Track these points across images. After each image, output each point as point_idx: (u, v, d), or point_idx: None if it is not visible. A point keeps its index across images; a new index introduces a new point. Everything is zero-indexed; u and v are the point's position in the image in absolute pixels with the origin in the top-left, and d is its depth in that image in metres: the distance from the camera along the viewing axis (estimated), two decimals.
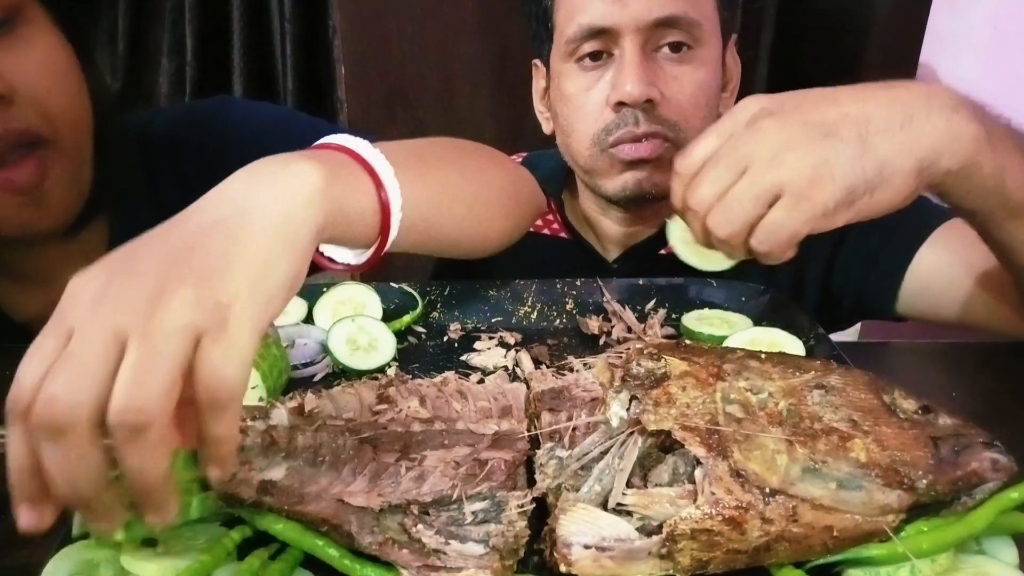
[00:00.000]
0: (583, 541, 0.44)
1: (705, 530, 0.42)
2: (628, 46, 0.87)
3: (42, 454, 0.39)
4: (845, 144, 0.58)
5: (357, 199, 0.54)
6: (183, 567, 0.44)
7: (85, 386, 0.38)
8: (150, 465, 0.39)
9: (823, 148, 0.57)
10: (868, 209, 0.59)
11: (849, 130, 0.58)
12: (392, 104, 1.75)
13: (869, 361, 0.58)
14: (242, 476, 0.49)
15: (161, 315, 0.39)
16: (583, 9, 0.89)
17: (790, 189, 0.57)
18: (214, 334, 0.40)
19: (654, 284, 0.83)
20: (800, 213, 0.57)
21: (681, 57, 0.89)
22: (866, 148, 0.58)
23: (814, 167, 0.57)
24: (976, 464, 0.46)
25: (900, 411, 0.49)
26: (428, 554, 0.45)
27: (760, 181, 0.58)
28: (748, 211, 0.58)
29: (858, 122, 0.58)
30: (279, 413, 0.54)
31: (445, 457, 0.50)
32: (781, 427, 0.46)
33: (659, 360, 0.51)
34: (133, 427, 0.38)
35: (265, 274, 0.44)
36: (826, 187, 0.57)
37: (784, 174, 0.57)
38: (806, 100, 0.61)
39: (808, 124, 0.59)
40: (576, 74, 0.93)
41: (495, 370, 0.70)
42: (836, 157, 0.57)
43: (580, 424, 0.53)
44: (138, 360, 0.39)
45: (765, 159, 0.58)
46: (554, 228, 1.11)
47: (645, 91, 0.87)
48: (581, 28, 0.90)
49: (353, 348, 0.71)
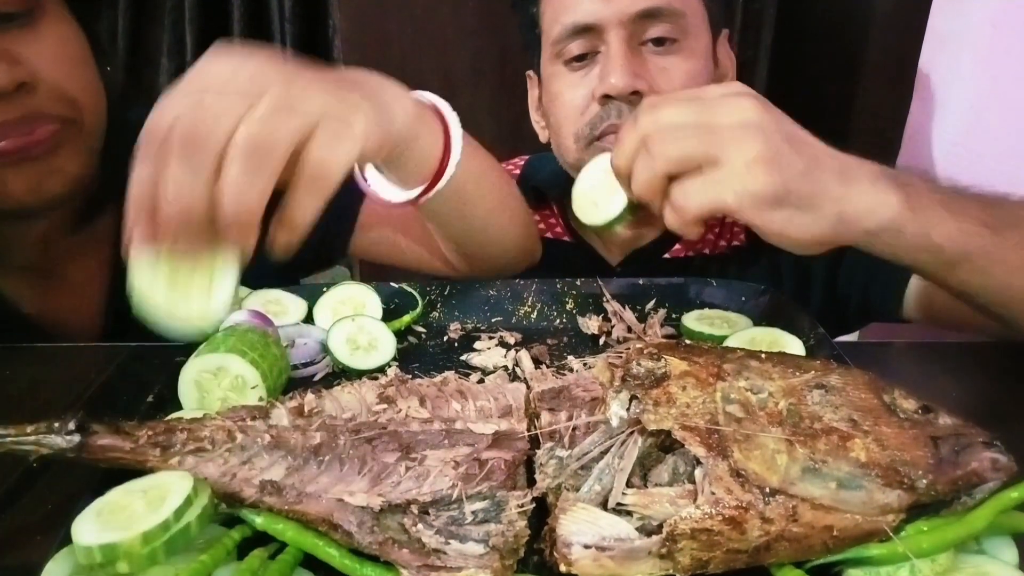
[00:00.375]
0: (583, 541, 0.44)
1: (705, 530, 0.42)
2: (613, 40, 0.87)
3: (168, 172, 0.49)
4: (799, 157, 0.60)
5: (431, 135, 0.70)
6: (183, 567, 0.44)
7: (224, 116, 0.49)
8: (257, 188, 0.49)
9: (780, 147, 0.59)
10: (787, 224, 0.60)
11: (805, 149, 0.61)
12: None
13: (869, 361, 0.58)
14: (242, 476, 0.49)
15: (303, 85, 0.52)
16: (567, 8, 0.90)
17: (735, 160, 0.58)
18: (337, 122, 0.52)
19: (654, 284, 0.83)
20: (735, 185, 0.58)
21: (667, 49, 0.89)
22: (811, 172, 0.60)
23: (766, 156, 0.58)
24: (976, 464, 0.46)
25: (900, 411, 0.49)
26: (428, 554, 0.45)
27: (716, 135, 0.59)
28: (687, 151, 0.59)
29: (811, 153, 0.61)
30: (279, 413, 0.54)
31: (445, 457, 0.50)
32: (781, 427, 0.46)
33: (659, 360, 0.51)
34: (259, 152, 0.49)
35: (384, 112, 0.61)
36: (770, 175, 0.58)
37: (738, 144, 0.58)
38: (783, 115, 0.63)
39: (779, 125, 0.61)
40: (564, 74, 0.93)
41: (495, 370, 0.70)
42: (788, 161, 0.59)
43: (580, 424, 0.53)
44: (274, 104, 0.50)
45: (731, 123, 0.59)
46: (557, 232, 1.11)
47: (631, 82, 0.87)
48: (565, 27, 0.90)
49: (353, 348, 0.71)
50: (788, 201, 0.59)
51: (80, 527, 0.44)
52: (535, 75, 1.03)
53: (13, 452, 0.49)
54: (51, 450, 0.49)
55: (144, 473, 0.49)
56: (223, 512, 0.49)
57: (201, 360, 0.61)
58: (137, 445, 0.50)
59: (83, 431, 0.49)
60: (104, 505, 0.45)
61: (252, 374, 0.61)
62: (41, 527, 0.52)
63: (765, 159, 0.58)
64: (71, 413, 0.50)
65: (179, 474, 0.48)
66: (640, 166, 0.62)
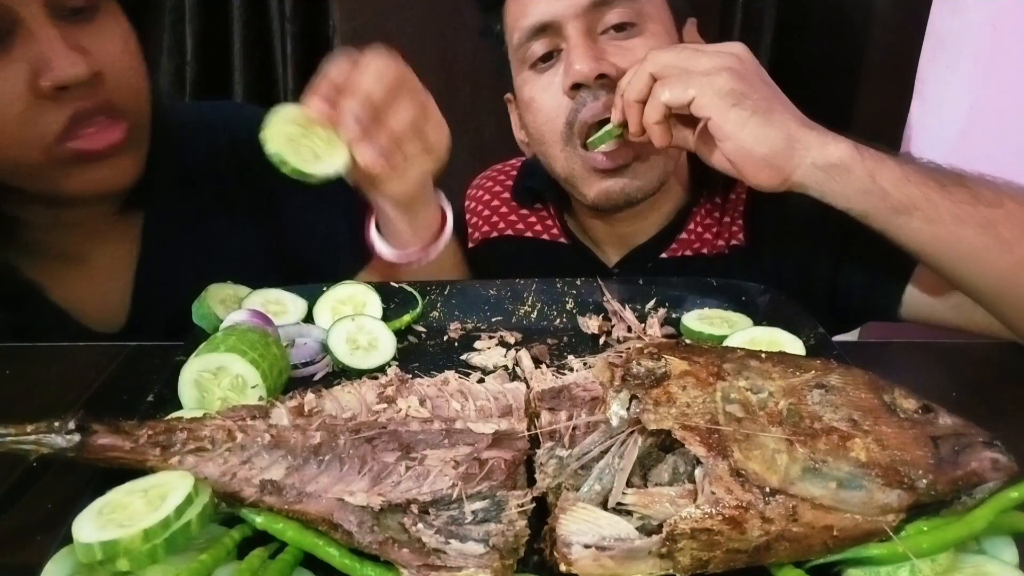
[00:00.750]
0: (583, 540, 0.44)
1: (705, 529, 0.42)
2: (572, 32, 0.88)
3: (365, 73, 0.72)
4: (766, 85, 0.76)
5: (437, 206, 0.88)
6: (183, 566, 0.44)
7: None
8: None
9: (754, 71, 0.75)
10: (741, 124, 0.72)
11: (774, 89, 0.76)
12: None
13: (869, 361, 0.58)
14: (242, 475, 0.49)
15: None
16: (523, 12, 0.91)
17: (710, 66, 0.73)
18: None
19: (654, 284, 0.83)
20: (701, 82, 0.73)
21: (628, 33, 0.90)
22: (773, 97, 0.75)
23: (739, 69, 0.74)
24: (976, 464, 0.46)
25: (900, 411, 0.49)
26: (428, 553, 0.45)
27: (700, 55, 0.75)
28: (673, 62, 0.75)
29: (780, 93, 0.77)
30: (279, 412, 0.54)
31: (445, 456, 0.50)
32: (781, 427, 0.46)
33: (659, 360, 0.52)
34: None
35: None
36: (733, 80, 0.72)
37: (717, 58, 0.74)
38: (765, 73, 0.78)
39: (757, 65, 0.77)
40: (533, 78, 0.94)
41: (495, 370, 0.70)
42: (754, 80, 0.75)
43: (580, 424, 0.53)
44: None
45: (714, 50, 0.76)
46: (553, 234, 1.10)
47: (594, 66, 0.87)
48: (524, 30, 0.91)
49: (353, 347, 0.71)
50: (746, 103, 0.72)
51: (81, 525, 0.44)
52: (512, 97, 1.03)
53: (13, 452, 0.49)
54: (51, 450, 0.49)
55: (144, 473, 0.49)
56: (223, 512, 0.49)
57: (201, 360, 0.61)
58: (137, 445, 0.50)
59: (83, 431, 0.49)
60: (104, 504, 0.45)
61: (252, 374, 0.61)
62: (41, 527, 0.52)
63: (734, 71, 0.73)
64: (71, 413, 0.50)
65: (180, 473, 0.48)
66: (631, 77, 0.78)
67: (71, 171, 0.79)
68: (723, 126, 0.72)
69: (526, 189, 1.13)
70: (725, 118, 0.72)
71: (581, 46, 0.87)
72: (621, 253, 1.05)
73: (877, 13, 1.58)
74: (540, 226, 1.12)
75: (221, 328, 0.69)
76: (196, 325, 0.74)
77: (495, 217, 1.15)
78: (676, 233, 1.02)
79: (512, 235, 1.12)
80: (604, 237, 1.06)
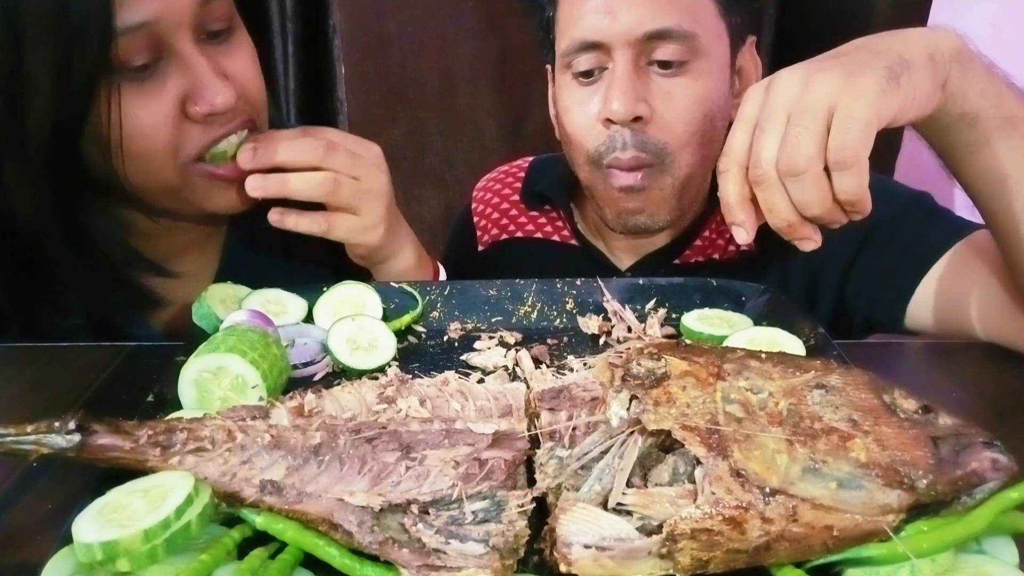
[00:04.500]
0: (583, 541, 0.44)
1: (705, 530, 0.42)
2: (619, 60, 0.87)
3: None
4: (855, 55, 0.62)
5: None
6: (183, 567, 0.44)
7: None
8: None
9: (841, 61, 0.61)
10: (914, 89, 0.61)
11: (850, 49, 0.64)
12: (392, 104, 1.75)
13: (869, 361, 0.58)
14: (242, 475, 0.49)
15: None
16: (576, 23, 0.89)
17: (838, 92, 0.59)
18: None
19: (654, 284, 0.83)
20: (859, 101, 0.58)
21: (674, 71, 0.88)
22: (874, 49, 0.62)
23: (845, 67, 0.60)
24: (976, 464, 0.46)
25: (900, 411, 0.49)
26: (428, 553, 0.45)
27: (807, 106, 0.59)
28: (814, 133, 0.59)
29: (856, 45, 0.65)
30: (279, 413, 0.54)
31: (445, 457, 0.50)
32: (781, 427, 0.46)
33: (659, 360, 0.52)
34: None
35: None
36: (866, 74, 0.59)
37: (822, 87, 0.59)
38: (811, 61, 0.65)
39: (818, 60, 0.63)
40: (573, 87, 0.93)
41: (495, 370, 0.70)
42: (857, 60, 0.61)
43: (580, 424, 0.53)
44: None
45: (797, 92, 0.60)
46: (564, 235, 1.10)
47: (632, 108, 0.86)
48: (573, 42, 0.89)
49: (353, 348, 0.71)
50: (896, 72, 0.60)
51: (80, 525, 0.44)
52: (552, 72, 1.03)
53: (13, 452, 0.49)
54: (51, 450, 0.49)
55: (144, 473, 0.49)
56: (223, 512, 0.49)
57: (201, 360, 0.61)
58: (137, 445, 0.50)
59: (83, 431, 0.49)
60: (105, 504, 0.45)
61: (252, 374, 0.61)
62: (41, 527, 0.52)
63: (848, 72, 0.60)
64: (71, 413, 0.50)
65: (180, 473, 0.48)
66: (802, 192, 0.61)
67: (202, 193, 0.81)
68: (911, 107, 0.62)
69: (534, 193, 1.13)
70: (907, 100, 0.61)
71: (624, 82, 0.86)
72: (634, 258, 1.04)
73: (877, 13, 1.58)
74: (550, 227, 1.11)
75: (221, 328, 0.69)
76: (196, 325, 0.74)
77: (504, 219, 1.15)
78: (691, 240, 1.02)
79: (523, 237, 1.12)
80: (617, 242, 1.05)
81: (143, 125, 0.74)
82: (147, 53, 0.71)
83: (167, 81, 0.74)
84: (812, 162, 0.59)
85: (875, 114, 0.58)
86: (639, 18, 0.85)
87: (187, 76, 0.74)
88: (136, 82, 0.72)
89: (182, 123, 0.75)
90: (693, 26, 0.87)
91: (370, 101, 1.75)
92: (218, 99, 0.74)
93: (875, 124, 0.59)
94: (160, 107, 0.74)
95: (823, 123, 0.59)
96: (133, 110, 0.73)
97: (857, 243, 0.92)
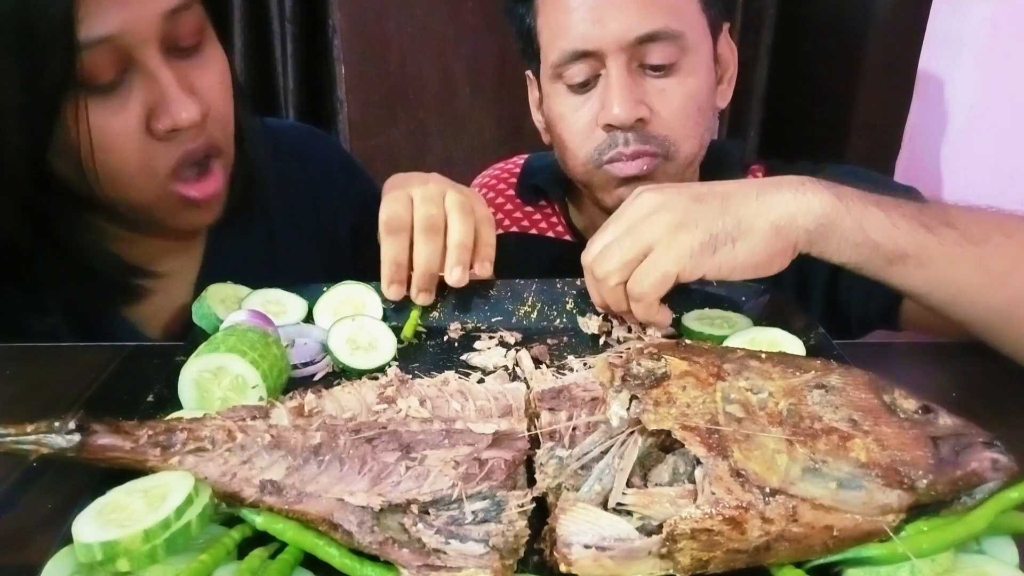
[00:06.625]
0: (583, 541, 0.44)
1: (705, 530, 0.42)
2: (613, 66, 0.87)
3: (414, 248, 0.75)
4: (709, 205, 0.69)
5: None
6: (183, 567, 0.44)
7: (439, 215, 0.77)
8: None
9: (689, 206, 0.69)
10: (732, 259, 0.68)
11: (713, 197, 0.69)
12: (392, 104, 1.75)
13: (869, 361, 0.58)
14: (242, 475, 0.49)
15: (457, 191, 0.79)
16: (564, 34, 0.89)
17: (662, 236, 0.68)
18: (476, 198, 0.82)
19: None
20: (669, 255, 0.67)
21: (666, 72, 0.89)
22: (726, 208, 0.68)
23: (682, 218, 0.68)
24: (976, 464, 0.46)
25: (900, 411, 0.49)
26: (428, 553, 0.45)
27: (635, 233, 0.69)
28: (626, 254, 0.69)
29: (721, 193, 0.70)
30: (279, 413, 0.54)
31: (445, 457, 0.50)
32: (781, 427, 0.46)
33: (659, 360, 0.52)
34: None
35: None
36: (690, 232, 0.67)
37: (654, 226, 0.68)
38: (684, 184, 0.75)
39: (680, 192, 0.70)
40: (565, 95, 0.93)
41: (495, 370, 0.70)
42: (700, 213, 0.68)
43: (580, 424, 0.53)
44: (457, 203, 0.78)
45: (642, 218, 0.69)
46: (558, 231, 1.10)
47: (632, 112, 0.87)
48: (564, 53, 0.89)
49: (353, 348, 0.71)
50: (718, 241, 0.67)
51: (81, 525, 0.44)
52: (534, 77, 1.03)
53: (13, 452, 0.49)
54: (51, 450, 0.49)
55: (144, 473, 0.49)
56: (223, 512, 0.49)
57: (201, 360, 0.61)
58: (137, 445, 0.50)
59: (83, 431, 0.49)
60: (105, 504, 0.45)
61: (252, 374, 0.61)
62: (41, 527, 0.52)
63: (679, 223, 0.68)
64: (71, 413, 0.50)
65: (180, 473, 0.48)
66: (599, 291, 0.73)
67: (173, 212, 0.80)
68: (718, 272, 0.68)
69: (530, 187, 1.13)
70: (715, 265, 0.68)
71: (622, 86, 0.87)
72: None
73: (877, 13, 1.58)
74: (545, 223, 1.12)
75: (221, 328, 0.69)
76: (196, 325, 0.74)
77: (500, 214, 1.15)
78: None
79: (518, 232, 1.12)
80: None
81: (109, 140, 0.72)
82: (114, 68, 0.70)
83: (131, 95, 0.72)
84: (610, 276, 0.70)
85: (677, 270, 0.67)
86: (628, 23, 0.86)
87: (153, 90, 0.73)
88: (102, 96, 0.71)
89: (148, 139, 0.74)
90: (680, 25, 0.88)
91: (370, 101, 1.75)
92: (183, 115, 0.73)
93: (672, 278, 0.68)
94: (124, 121, 0.72)
95: (638, 252, 0.69)
96: (99, 124, 0.71)
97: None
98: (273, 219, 0.98)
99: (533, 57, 0.98)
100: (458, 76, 1.74)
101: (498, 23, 1.69)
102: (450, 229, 0.77)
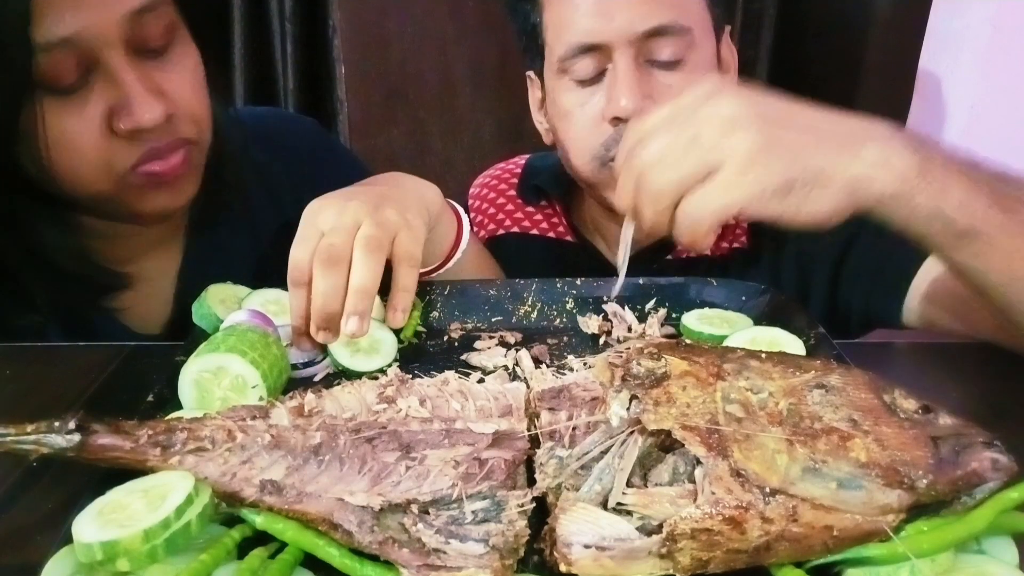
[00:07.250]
0: (583, 540, 0.44)
1: (705, 530, 0.42)
2: (620, 60, 0.86)
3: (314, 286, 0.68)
4: (794, 136, 0.59)
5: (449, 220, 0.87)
6: (183, 566, 0.44)
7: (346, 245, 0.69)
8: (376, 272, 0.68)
9: (773, 133, 0.59)
10: (797, 210, 0.60)
11: (800, 128, 0.60)
12: (392, 104, 1.75)
13: (869, 361, 0.58)
14: (242, 475, 0.49)
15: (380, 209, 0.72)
16: (570, 27, 0.89)
17: (732, 161, 0.58)
18: (407, 226, 0.73)
19: (654, 284, 0.83)
20: (736, 188, 0.58)
21: (674, 66, 0.89)
22: (811, 150, 0.59)
23: (761, 146, 0.58)
24: (976, 464, 0.46)
25: (900, 411, 0.49)
26: (428, 553, 0.45)
27: (705, 145, 0.59)
28: (684, 173, 0.59)
29: (808, 126, 0.60)
30: (279, 413, 0.54)
31: (445, 456, 0.50)
32: (781, 427, 0.46)
33: (659, 360, 0.51)
34: (373, 254, 0.68)
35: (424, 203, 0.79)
36: (769, 167, 0.58)
37: (730, 145, 0.58)
38: (765, 97, 0.62)
39: (763, 110, 0.60)
40: (571, 89, 0.92)
41: (495, 370, 0.70)
42: (784, 147, 0.59)
43: (580, 424, 0.53)
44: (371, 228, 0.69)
45: (715, 128, 0.59)
46: (559, 231, 1.10)
47: (640, 104, 0.86)
48: (571, 47, 0.89)
49: (354, 350, 0.71)
50: (795, 186, 0.59)
51: (81, 525, 0.44)
52: (536, 77, 1.03)
53: (13, 452, 0.49)
54: (51, 450, 0.49)
55: (144, 473, 0.49)
56: (223, 512, 0.49)
57: (201, 360, 0.61)
58: (137, 445, 0.50)
59: (83, 431, 0.49)
60: (105, 504, 0.45)
61: (252, 374, 0.61)
62: (41, 527, 0.52)
63: (759, 150, 0.58)
64: (71, 413, 0.50)
65: (180, 473, 0.48)
66: (644, 205, 0.62)
67: (136, 196, 0.79)
68: (781, 216, 0.60)
69: (531, 187, 1.13)
70: (780, 209, 0.59)
71: (629, 79, 0.86)
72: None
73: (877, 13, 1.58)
74: (546, 223, 1.12)
75: (221, 328, 0.69)
76: (196, 325, 0.74)
77: (501, 215, 1.15)
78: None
79: (519, 232, 1.12)
80: (614, 237, 1.05)
81: (67, 140, 0.72)
82: (76, 69, 0.70)
83: (91, 96, 0.72)
84: (664, 192, 0.60)
85: (744, 204, 0.58)
86: (635, 16, 0.85)
87: (115, 91, 0.72)
88: (60, 97, 0.71)
89: (110, 138, 0.73)
90: (687, 20, 0.88)
91: (370, 101, 1.75)
92: (146, 116, 0.72)
93: (735, 211, 0.59)
94: (83, 122, 0.72)
95: (703, 170, 0.59)
96: (57, 125, 0.71)
97: (847, 238, 0.92)
98: (254, 211, 0.97)
99: (536, 55, 0.98)
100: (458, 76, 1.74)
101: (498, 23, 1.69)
102: (352, 270, 0.68)
